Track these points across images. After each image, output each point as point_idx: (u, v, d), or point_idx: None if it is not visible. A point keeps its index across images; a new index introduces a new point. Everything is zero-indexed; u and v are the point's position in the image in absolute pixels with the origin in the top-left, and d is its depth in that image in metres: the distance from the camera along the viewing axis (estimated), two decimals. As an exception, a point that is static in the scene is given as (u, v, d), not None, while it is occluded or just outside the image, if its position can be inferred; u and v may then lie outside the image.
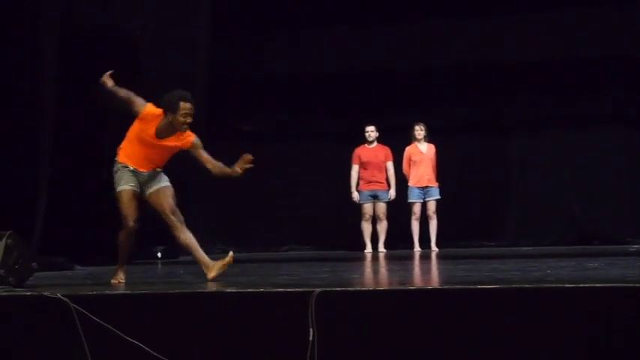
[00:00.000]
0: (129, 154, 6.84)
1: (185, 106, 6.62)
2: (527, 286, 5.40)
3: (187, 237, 6.86)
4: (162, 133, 6.71)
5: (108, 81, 6.91)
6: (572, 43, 12.91)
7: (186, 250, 7.05)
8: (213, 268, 6.75)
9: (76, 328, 5.34)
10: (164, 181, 6.94)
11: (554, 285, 5.37)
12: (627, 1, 12.77)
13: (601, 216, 12.93)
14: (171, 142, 6.77)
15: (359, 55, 13.39)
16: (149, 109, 6.73)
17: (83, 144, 9.75)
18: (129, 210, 6.80)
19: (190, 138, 6.79)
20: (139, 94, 6.84)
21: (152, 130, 6.70)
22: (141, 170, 6.82)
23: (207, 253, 6.95)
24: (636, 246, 11.74)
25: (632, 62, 12.78)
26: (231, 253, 6.86)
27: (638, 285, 5.21)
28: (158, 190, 6.88)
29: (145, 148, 6.77)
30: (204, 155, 6.83)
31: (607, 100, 13.17)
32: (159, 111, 6.69)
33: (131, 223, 6.80)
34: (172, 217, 6.83)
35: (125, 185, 6.81)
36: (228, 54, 13.02)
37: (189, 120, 6.66)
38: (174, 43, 11.50)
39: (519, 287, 5.39)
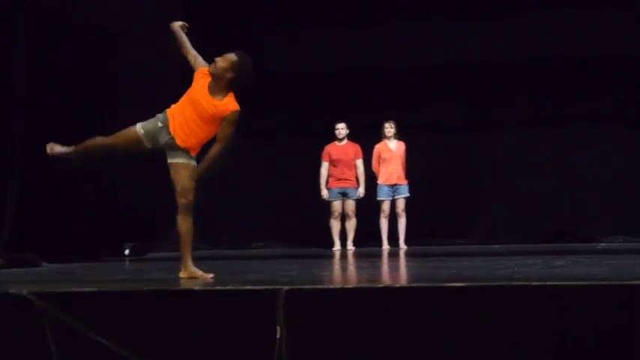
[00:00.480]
0: (175, 113, 6.56)
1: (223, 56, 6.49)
2: (494, 284, 5.34)
3: (185, 226, 6.58)
4: (212, 88, 6.47)
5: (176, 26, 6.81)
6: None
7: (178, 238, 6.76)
8: (190, 272, 6.60)
9: (42, 326, 5.29)
10: (187, 158, 6.59)
11: (521, 283, 5.34)
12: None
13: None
14: (219, 101, 6.43)
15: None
16: (206, 68, 6.57)
17: (54, 139, 9.68)
18: (119, 136, 6.65)
19: (231, 106, 6.47)
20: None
21: (206, 83, 6.48)
22: (169, 131, 6.53)
23: (178, 250, 6.76)
24: (602, 244, 11.76)
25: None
26: (212, 275, 6.59)
27: (604, 283, 5.18)
28: (177, 165, 6.57)
29: (191, 111, 6.49)
30: (220, 134, 6.50)
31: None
32: None
33: (111, 140, 6.66)
34: (181, 199, 6.52)
35: (140, 128, 6.58)
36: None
37: (219, 62, 6.40)
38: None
39: (487, 285, 5.34)
